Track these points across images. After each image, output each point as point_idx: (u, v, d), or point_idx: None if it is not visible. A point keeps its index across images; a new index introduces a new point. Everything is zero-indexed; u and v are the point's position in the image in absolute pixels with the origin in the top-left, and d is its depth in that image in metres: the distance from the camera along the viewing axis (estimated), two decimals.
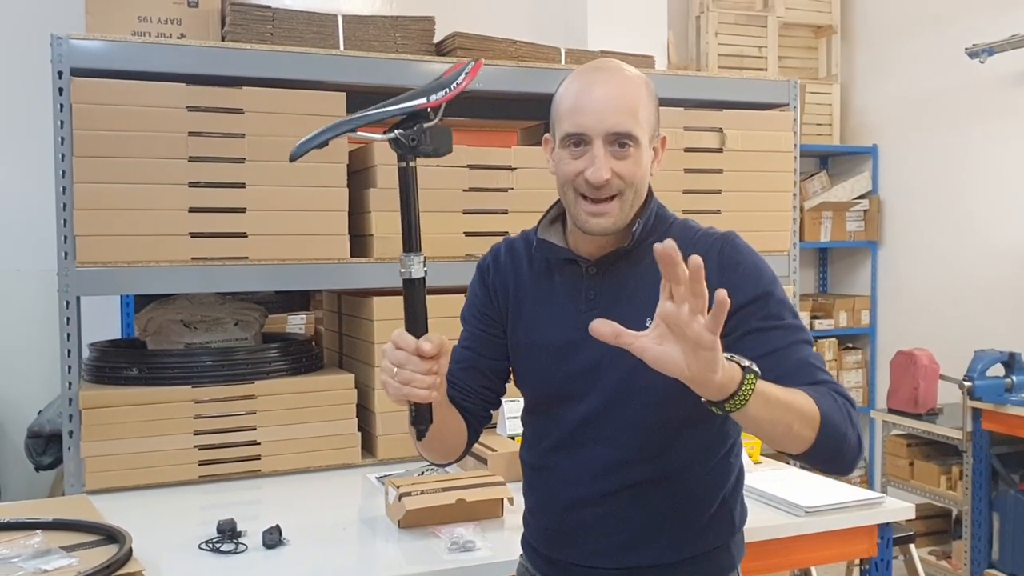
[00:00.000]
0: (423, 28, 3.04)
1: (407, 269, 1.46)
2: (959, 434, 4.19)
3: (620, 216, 1.51)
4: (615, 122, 1.47)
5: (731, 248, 1.53)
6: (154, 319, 2.87)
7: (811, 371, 1.45)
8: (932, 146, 5.15)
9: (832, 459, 1.40)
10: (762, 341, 1.46)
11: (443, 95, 1.44)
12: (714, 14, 5.21)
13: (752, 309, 1.47)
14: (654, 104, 1.54)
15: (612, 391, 1.53)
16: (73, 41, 2.51)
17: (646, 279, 1.51)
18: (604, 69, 1.54)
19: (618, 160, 1.48)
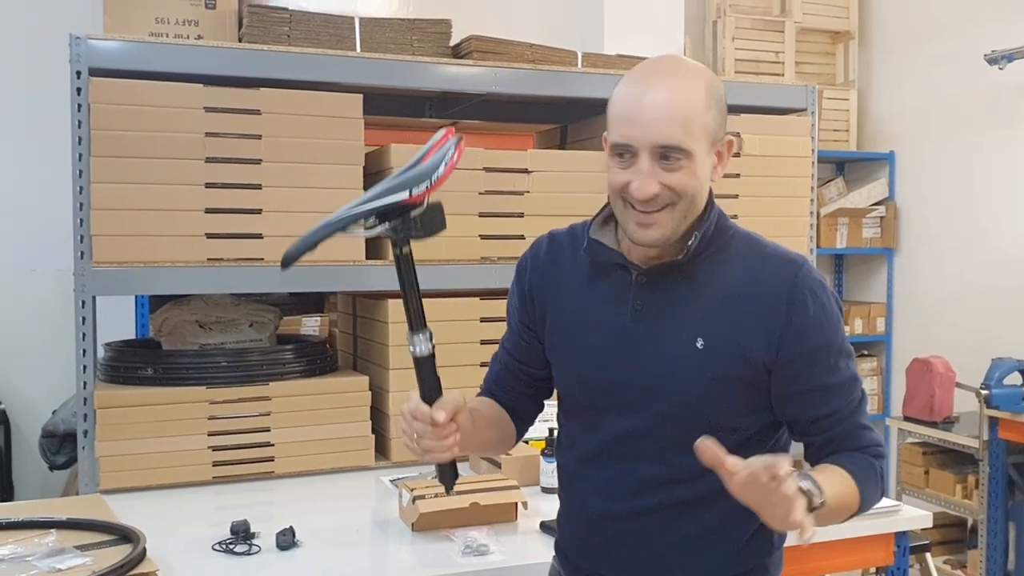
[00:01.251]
0: (440, 31, 3.04)
1: (414, 348, 1.47)
2: (975, 443, 4.16)
3: (671, 227, 1.43)
4: (663, 136, 1.38)
5: (803, 284, 1.45)
6: (169, 319, 2.87)
7: (859, 435, 1.49)
8: (950, 153, 5.11)
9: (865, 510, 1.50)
10: (817, 402, 1.47)
11: (424, 188, 1.37)
12: (731, 19, 5.19)
13: (814, 360, 1.45)
14: (717, 107, 1.43)
15: (662, 411, 1.47)
16: (92, 41, 2.52)
17: (700, 295, 1.46)
18: (658, 73, 1.43)
19: (668, 172, 1.39)
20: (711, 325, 1.44)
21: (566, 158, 3.09)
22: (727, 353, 1.43)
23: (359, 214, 1.38)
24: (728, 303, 1.45)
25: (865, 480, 1.46)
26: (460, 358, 2.83)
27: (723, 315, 1.44)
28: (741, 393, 1.46)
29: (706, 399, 1.44)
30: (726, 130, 1.47)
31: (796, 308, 1.43)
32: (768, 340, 1.42)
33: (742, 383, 1.45)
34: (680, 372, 1.44)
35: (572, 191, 2.95)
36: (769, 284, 1.44)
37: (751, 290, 1.44)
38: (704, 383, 1.44)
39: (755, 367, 1.44)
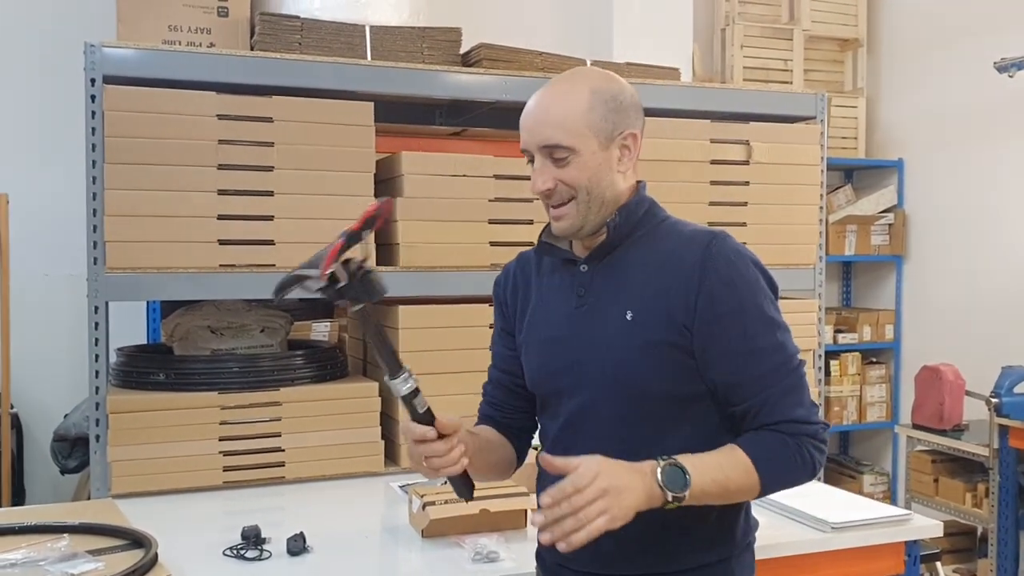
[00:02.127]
0: (450, 39, 3.06)
1: (397, 390, 1.51)
2: (985, 451, 4.15)
3: (579, 218, 1.56)
4: (544, 136, 1.54)
5: (717, 251, 1.53)
6: (181, 325, 2.89)
7: (778, 408, 1.51)
8: (958, 161, 5.11)
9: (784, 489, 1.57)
10: (732, 367, 1.52)
11: (317, 272, 1.44)
12: (740, 27, 5.20)
13: (728, 324, 1.51)
14: (605, 106, 1.56)
15: (604, 386, 1.56)
16: (106, 49, 2.54)
17: (629, 274, 1.57)
18: (547, 85, 1.60)
19: (559, 169, 1.54)
20: (638, 298, 1.54)
21: None
22: (653, 321, 1.52)
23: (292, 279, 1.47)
24: (652, 276, 1.55)
25: (768, 460, 1.49)
26: (469, 364, 2.83)
27: (648, 287, 1.54)
28: (671, 358, 1.52)
29: (640, 368, 1.53)
30: (628, 127, 1.58)
31: (708, 272, 1.51)
32: (686, 303, 1.51)
33: (670, 347, 1.52)
34: (614, 346, 1.54)
35: None
36: (687, 253, 1.54)
37: (672, 261, 1.54)
38: (637, 352, 1.53)
39: (679, 330, 1.51)
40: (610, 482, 1.36)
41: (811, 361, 3.35)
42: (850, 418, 5.39)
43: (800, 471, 1.53)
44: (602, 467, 1.38)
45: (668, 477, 1.40)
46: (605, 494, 1.36)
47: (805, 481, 1.56)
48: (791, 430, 1.51)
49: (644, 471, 1.41)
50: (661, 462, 1.41)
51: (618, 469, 1.39)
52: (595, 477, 1.36)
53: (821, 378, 3.38)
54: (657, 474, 1.40)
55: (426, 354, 2.80)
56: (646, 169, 3.02)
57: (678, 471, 1.41)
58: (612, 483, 1.36)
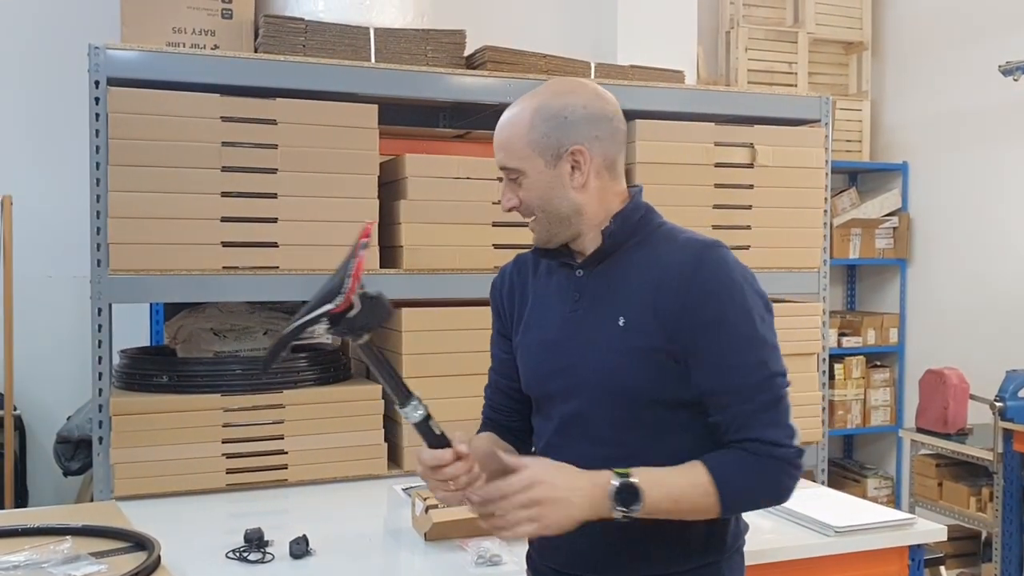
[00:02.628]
0: (454, 42, 3.05)
1: (408, 418, 1.52)
2: (990, 455, 4.14)
3: (544, 231, 1.61)
4: (497, 159, 1.61)
5: (708, 260, 1.53)
6: (184, 327, 2.89)
7: (745, 426, 1.49)
8: (963, 164, 5.10)
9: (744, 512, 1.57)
10: (711, 379, 1.51)
11: (342, 297, 1.45)
12: (744, 30, 5.20)
13: (709, 334, 1.50)
14: (546, 124, 1.57)
15: (597, 390, 1.57)
16: (110, 51, 2.54)
17: (624, 280, 1.58)
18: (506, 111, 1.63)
19: (518, 187, 1.60)
20: (630, 304, 1.55)
21: None
22: (644, 326, 1.53)
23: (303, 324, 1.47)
24: (645, 282, 1.55)
25: (728, 481, 1.47)
26: (472, 367, 2.82)
27: (640, 293, 1.55)
28: (661, 363, 1.52)
29: (631, 373, 1.53)
30: (574, 142, 1.57)
31: (695, 280, 1.51)
32: (672, 309, 1.51)
33: (659, 352, 1.52)
34: (607, 350, 1.55)
35: None
36: (678, 260, 1.54)
37: (663, 268, 1.55)
38: (627, 357, 1.53)
39: (667, 336, 1.52)
40: (545, 493, 1.39)
41: (815, 365, 3.35)
42: (854, 422, 5.38)
43: (764, 494, 1.52)
44: (542, 476, 1.41)
45: (619, 493, 1.42)
46: (536, 504, 1.39)
47: (770, 505, 1.56)
48: (760, 450, 1.48)
49: (596, 484, 1.42)
50: (615, 479, 1.42)
51: (562, 480, 1.42)
52: (528, 486, 1.39)
53: (825, 382, 3.37)
54: (609, 489, 1.41)
55: (429, 357, 2.80)
56: (650, 172, 3.06)
57: (631, 488, 1.42)
58: (548, 495, 1.39)
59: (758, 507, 1.57)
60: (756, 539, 2.26)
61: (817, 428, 3.34)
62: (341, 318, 1.45)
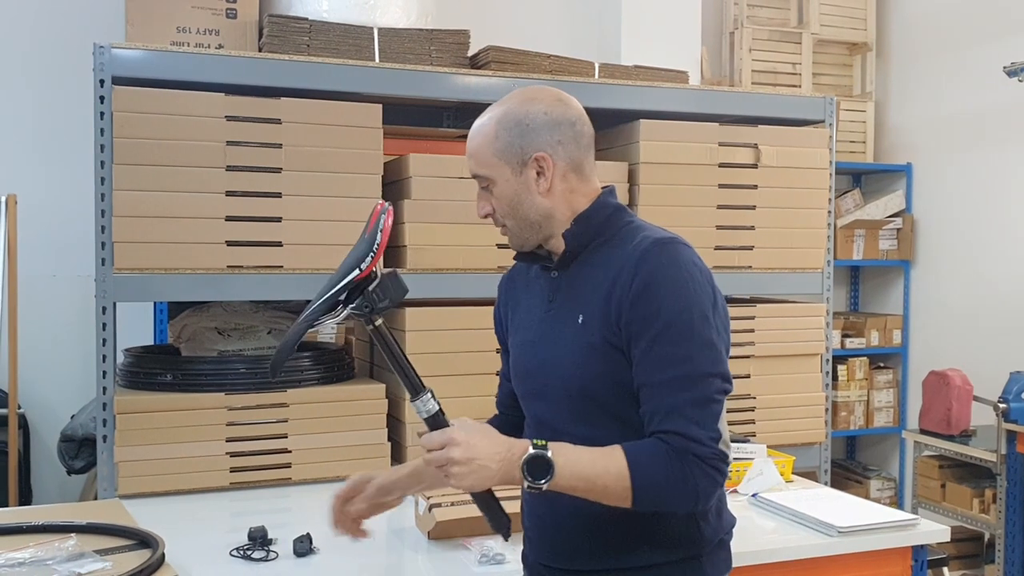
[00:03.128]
0: (458, 41, 3.06)
1: (420, 411, 1.52)
2: (993, 456, 4.13)
3: (516, 236, 1.65)
4: (469, 167, 1.66)
5: (652, 255, 1.54)
6: (188, 326, 2.89)
7: (666, 418, 1.49)
8: (967, 165, 5.10)
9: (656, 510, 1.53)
10: (640, 369, 1.53)
11: (371, 259, 1.51)
12: (748, 30, 5.20)
13: (645, 326, 1.52)
14: (508, 133, 1.61)
15: (560, 387, 1.61)
16: (115, 50, 2.54)
17: (588, 279, 1.62)
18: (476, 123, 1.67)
19: (490, 195, 1.64)
20: (588, 302, 1.60)
21: None
22: (597, 323, 1.57)
23: (326, 303, 1.51)
24: (602, 280, 1.59)
25: (642, 468, 1.47)
26: (476, 366, 2.84)
27: (598, 291, 1.59)
28: (613, 358, 1.55)
29: (588, 369, 1.57)
30: (536, 149, 1.60)
31: (638, 273, 1.53)
32: (621, 303, 1.54)
33: (610, 347, 1.55)
34: (567, 348, 1.60)
35: None
36: (630, 256, 1.57)
37: (615, 265, 1.58)
38: (584, 354, 1.57)
39: (615, 329, 1.55)
40: (461, 454, 1.43)
41: (818, 366, 3.35)
42: (857, 423, 5.38)
43: (677, 490, 1.48)
44: (460, 438, 1.45)
45: (531, 465, 1.45)
46: (451, 463, 1.43)
47: (684, 506, 1.51)
48: (678, 444, 1.47)
49: (511, 451, 1.46)
50: (532, 449, 1.45)
51: (480, 443, 1.45)
52: (445, 443, 1.44)
53: (828, 383, 3.37)
54: (521, 460, 1.45)
55: (433, 356, 2.80)
56: (654, 172, 3.07)
57: (542, 459, 1.45)
58: (463, 455, 1.43)
59: (671, 504, 1.51)
60: (759, 539, 2.27)
61: (820, 429, 3.34)
62: (361, 292, 1.47)
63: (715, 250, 3.14)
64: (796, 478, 2.78)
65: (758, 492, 2.53)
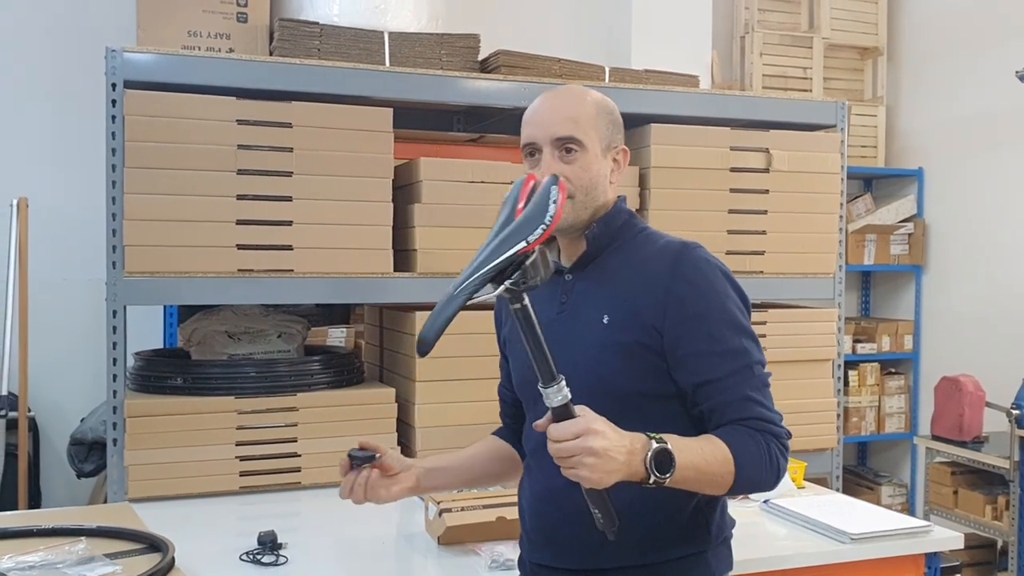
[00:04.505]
0: (468, 45, 3.06)
1: (550, 399, 1.43)
2: (1006, 463, 4.11)
3: (572, 215, 1.61)
4: (557, 129, 1.61)
5: (686, 258, 1.59)
6: (198, 330, 2.90)
7: (745, 406, 1.55)
8: (979, 170, 5.07)
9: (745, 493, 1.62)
10: (700, 367, 1.56)
11: (541, 232, 1.39)
12: (759, 35, 5.19)
13: (695, 325, 1.56)
14: (607, 118, 1.66)
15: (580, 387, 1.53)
16: (127, 54, 2.55)
17: (607, 282, 1.63)
18: (556, 90, 1.70)
19: (565, 164, 1.61)
20: (614, 303, 1.60)
21: None
22: (627, 323, 1.58)
23: (485, 276, 1.39)
24: (628, 282, 1.61)
25: (744, 453, 1.51)
26: (484, 370, 2.82)
27: (624, 293, 1.60)
28: (642, 358, 1.58)
29: (615, 368, 1.58)
30: (620, 143, 1.69)
31: (678, 277, 1.57)
32: (656, 306, 1.57)
33: (642, 347, 1.57)
34: (590, 348, 1.59)
35: None
36: (659, 260, 1.61)
37: (645, 268, 1.61)
38: (611, 353, 1.58)
39: (650, 331, 1.57)
40: (599, 444, 1.37)
41: (830, 371, 3.33)
42: (868, 429, 5.35)
43: (767, 471, 1.55)
44: (598, 427, 1.38)
45: (657, 459, 1.42)
46: (589, 453, 1.36)
47: (770, 485, 1.58)
48: (760, 427, 1.55)
49: (635, 446, 1.42)
50: (653, 443, 1.43)
51: (612, 435, 1.40)
52: (582, 433, 1.37)
53: (839, 388, 3.35)
54: (647, 454, 1.42)
55: (441, 360, 2.79)
56: (665, 176, 3.06)
57: (667, 453, 1.43)
58: (600, 445, 1.37)
59: (761, 485, 1.57)
60: (771, 545, 2.26)
61: (831, 435, 3.32)
62: (518, 267, 1.38)
63: (726, 254, 3.13)
64: (807, 484, 2.77)
65: (769, 498, 2.52)
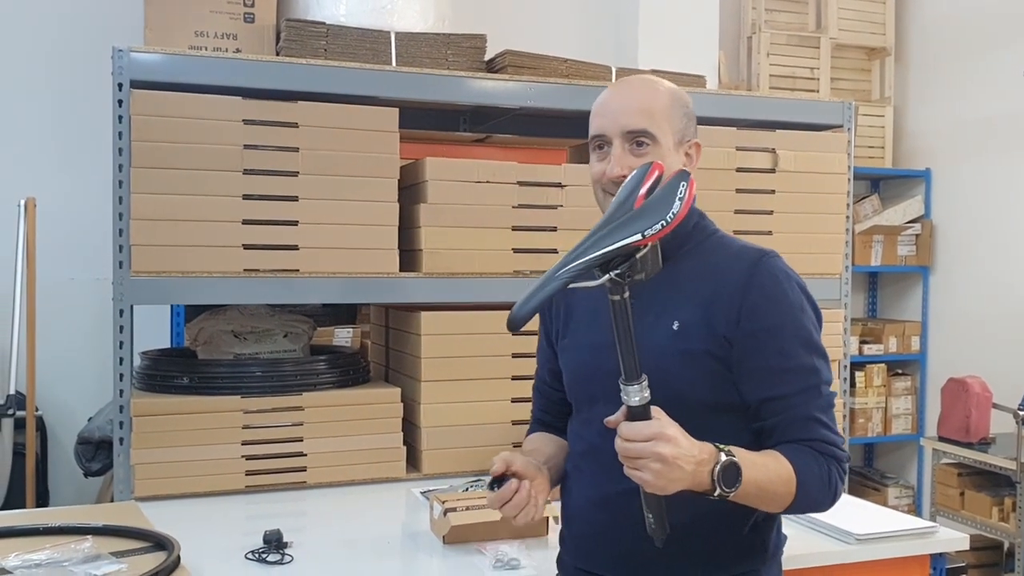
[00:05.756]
0: (474, 45, 3.06)
1: (630, 397, 1.40)
2: (1012, 464, 4.10)
3: None
4: (629, 121, 1.56)
5: (764, 268, 1.55)
6: (205, 329, 2.90)
7: (810, 427, 1.52)
8: (986, 171, 5.06)
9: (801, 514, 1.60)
10: (768, 382, 1.52)
11: (661, 228, 1.33)
12: (766, 35, 5.18)
13: (767, 339, 1.52)
14: (681, 111, 1.61)
15: None
16: (133, 54, 2.55)
17: (678, 285, 1.57)
18: (627, 80, 1.67)
19: (636, 158, 1.55)
20: (685, 309, 1.56)
21: None
22: (698, 331, 1.54)
23: (590, 262, 1.33)
24: (701, 288, 1.56)
25: (806, 473, 1.49)
26: (491, 371, 2.84)
27: (696, 299, 1.56)
28: (710, 368, 1.54)
29: (681, 376, 1.53)
30: (694, 136, 1.64)
31: (754, 287, 1.53)
32: (729, 315, 1.53)
33: (711, 357, 1.53)
34: (657, 353, 1.51)
35: None
36: (735, 267, 1.56)
37: (719, 274, 1.56)
38: (679, 360, 1.53)
39: (719, 341, 1.53)
40: (669, 451, 1.34)
41: (836, 372, 3.32)
42: (875, 430, 5.34)
43: (826, 494, 1.52)
44: (671, 433, 1.36)
45: (724, 472, 1.39)
46: (658, 458, 1.34)
47: (826, 507, 1.55)
48: (823, 449, 1.51)
49: (703, 457, 1.39)
50: (722, 455, 1.40)
51: (684, 442, 1.37)
52: (653, 437, 1.35)
53: (846, 389, 3.35)
54: (716, 466, 1.39)
55: (447, 360, 2.80)
56: None
57: (735, 467, 1.40)
58: (671, 452, 1.34)
59: (817, 508, 1.55)
60: None
61: None
62: (627, 259, 1.33)
63: None
64: None
65: None
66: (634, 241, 1.32)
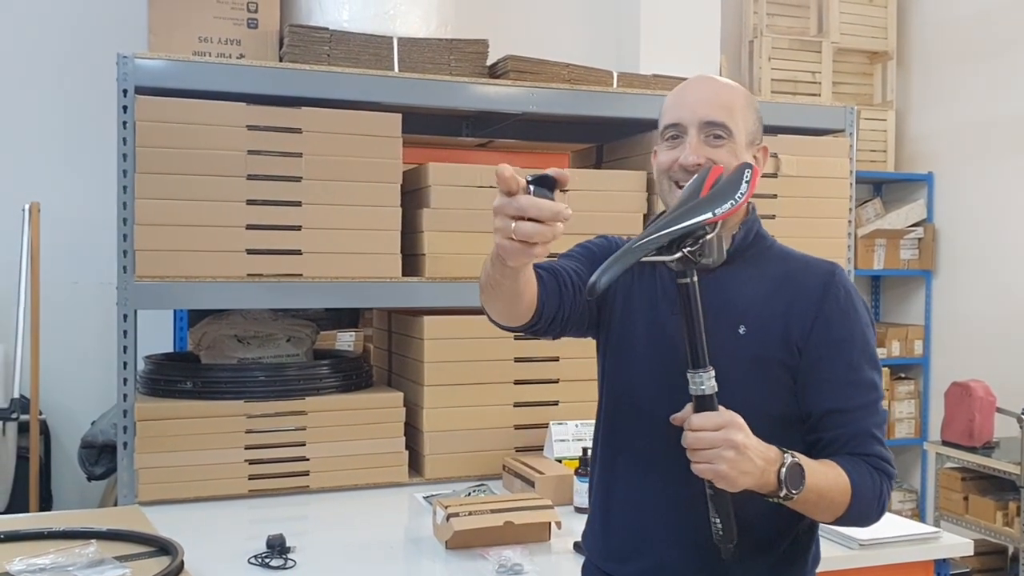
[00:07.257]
0: (476, 51, 3.06)
1: (696, 386, 1.40)
2: (1016, 469, 4.09)
3: None
4: (709, 113, 1.56)
5: (839, 281, 1.57)
6: (208, 334, 2.91)
7: (867, 442, 1.53)
8: (988, 174, 5.06)
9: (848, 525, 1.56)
10: (833, 394, 1.52)
11: (730, 207, 1.39)
12: (768, 39, 5.19)
13: (837, 350, 1.52)
14: (754, 112, 1.62)
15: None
16: (138, 60, 2.56)
17: (742, 289, 1.56)
18: (704, 76, 1.67)
19: (712, 149, 1.55)
20: (752, 314, 1.55)
21: (602, 177, 3.10)
22: (766, 337, 1.53)
23: (665, 237, 1.35)
24: (769, 295, 1.56)
25: (861, 486, 1.49)
26: (493, 375, 2.84)
27: (764, 305, 1.55)
28: (776, 376, 1.54)
29: (747, 382, 1.51)
30: (762, 141, 1.64)
31: (829, 298, 1.54)
32: (802, 324, 1.53)
33: (779, 365, 1.53)
34: (723, 357, 1.47)
35: (607, 210, 2.96)
36: (808, 278, 1.57)
37: (791, 283, 1.57)
38: (745, 366, 1.52)
39: (790, 349, 1.53)
40: (742, 440, 1.35)
41: None
42: None
43: (876, 508, 1.53)
44: (741, 423, 1.37)
45: (790, 473, 1.40)
46: (730, 447, 1.34)
47: (872, 521, 1.55)
48: (877, 465, 1.53)
49: (770, 455, 1.39)
50: (787, 456, 1.40)
51: (753, 438, 1.38)
52: (723, 426, 1.35)
53: None
54: (782, 467, 1.39)
55: (450, 364, 2.80)
56: None
57: (798, 471, 1.41)
58: (743, 441, 1.35)
59: (865, 521, 1.55)
60: None
61: None
62: (696, 240, 1.37)
63: None
64: None
65: None
66: (706, 219, 1.37)
